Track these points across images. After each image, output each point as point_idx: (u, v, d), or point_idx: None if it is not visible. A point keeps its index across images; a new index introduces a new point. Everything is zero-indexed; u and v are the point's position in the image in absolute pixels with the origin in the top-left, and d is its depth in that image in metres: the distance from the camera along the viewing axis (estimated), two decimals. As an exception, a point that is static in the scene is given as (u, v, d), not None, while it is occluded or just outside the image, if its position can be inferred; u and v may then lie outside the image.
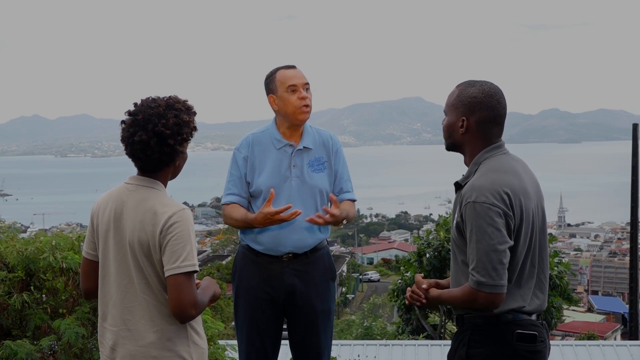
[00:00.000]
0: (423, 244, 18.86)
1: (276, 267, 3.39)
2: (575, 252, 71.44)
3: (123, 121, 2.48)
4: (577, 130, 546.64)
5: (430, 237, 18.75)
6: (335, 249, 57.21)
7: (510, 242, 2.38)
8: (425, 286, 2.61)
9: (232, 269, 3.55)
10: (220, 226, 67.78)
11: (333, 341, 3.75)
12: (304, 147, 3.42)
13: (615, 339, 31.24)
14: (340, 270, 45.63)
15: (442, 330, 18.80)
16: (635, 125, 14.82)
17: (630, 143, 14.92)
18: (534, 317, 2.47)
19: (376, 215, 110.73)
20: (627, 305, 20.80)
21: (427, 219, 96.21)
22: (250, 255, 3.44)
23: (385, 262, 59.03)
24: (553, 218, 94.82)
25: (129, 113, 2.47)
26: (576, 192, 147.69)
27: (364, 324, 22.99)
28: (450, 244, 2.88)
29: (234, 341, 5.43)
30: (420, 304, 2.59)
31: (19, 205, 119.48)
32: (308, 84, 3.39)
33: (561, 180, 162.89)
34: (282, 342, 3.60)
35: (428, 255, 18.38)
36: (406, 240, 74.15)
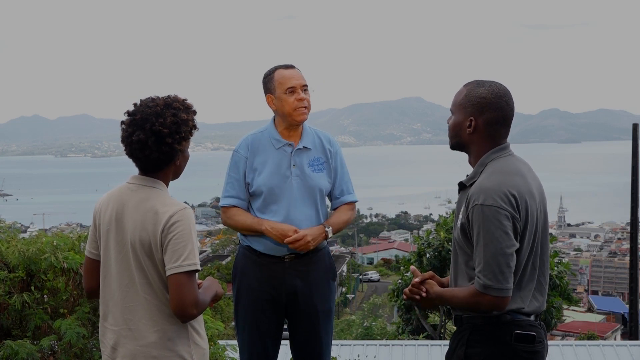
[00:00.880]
0: (423, 244, 18.87)
1: (278, 268, 3.39)
2: (575, 252, 71.41)
3: (122, 121, 2.48)
4: (577, 130, 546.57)
5: (431, 237, 18.74)
6: (335, 249, 57.21)
7: (517, 245, 2.37)
8: (418, 280, 2.57)
9: (233, 270, 3.53)
10: (220, 226, 67.72)
11: (333, 341, 3.75)
12: (303, 147, 3.42)
13: (615, 339, 31.23)
14: (340, 270, 45.60)
15: (442, 330, 18.79)
16: (635, 125, 14.81)
17: (630, 143, 14.92)
18: (533, 318, 2.47)
19: (376, 215, 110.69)
20: (627, 305, 20.80)
21: (427, 219, 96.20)
22: (251, 255, 3.43)
23: (385, 262, 59.02)
24: (553, 218, 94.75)
25: (128, 113, 2.47)
26: (576, 192, 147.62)
27: (364, 324, 22.99)
28: (451, 244, 2.81)
29: (234, 341, 5.42)
30: (419, 297, 2.55)
31: (19, 205, 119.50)
32: (306, 85, 3.38)
33: (561, 180, 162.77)
34: (282, 342, 3.60)
35: (428, 255, 18.38)
36: (406, 240, 74.13)
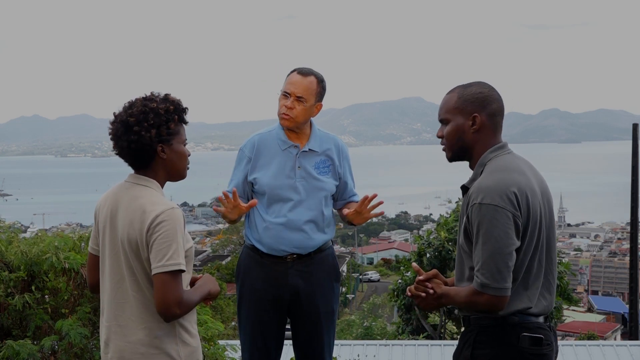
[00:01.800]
0: (423, 243, 18.89)
1: (280, 268, 3.39)
2: (575, 252, 71.34)
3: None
4: (577, 130, 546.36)
5: (431, 237, 18.76)
6: (336, 249, 56.73)
7: (517, 244, 2.35)
8: (423, 277, 2.55)
9: (236, 270, 3.54)
10: (220, 226, 67.78)
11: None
12: (309, 150, 3.42)
13: (615, 339, 31.23)
14: (340, 270, 45.54)
15: (442, 330, 18.81)
16: (635, 125, 14.81)
17: (630, 143, 14.92)
18: (542, 320, 2.44)
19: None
20: (627, 305, 20.79)
21: (427, 219, 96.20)
22: (254, 255, 3.44)
23: (385, 262, 58.97)
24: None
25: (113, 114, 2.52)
26: (576, 192, 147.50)
27: (364, 324, 23.02)
28: (453, 245, 2.76)
29: (234, 341, 5.43)
30: (425, 295, 2.52)
31: (19, 205, 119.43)
32: (301, 96, 3.32)
33: (561, 180, 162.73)
34: (285, 342, 3.60)
35: (428, 255, 18.40)
36: (406, 240, 74.10)
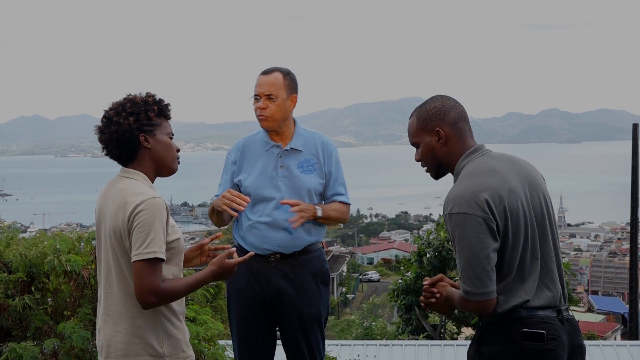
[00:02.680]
0: (423, 243, 18.89)
1: (263, 267, 3.40)
2: (575, 252, 71.31)
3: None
4: (577, 130, 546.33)
5: (431, 237, 18.77)
6: (335, 249, 57.09)
7: (495, 245, 2.35)
8: (428, 282, 2.60)
9: None
10: (220, 226, 67.61)
11: (333, 341, 3.75)
12: (291, 149, 3.43)
13: (615, 339, 31.24)
14: (340, 270, 45.58)
15: (442, 330, 18.82)
16: (635, 125, 14.82)
17: (630, 143, 14.93)
18: (549, 312, 2.41)
19: (376, 215, 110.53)
20: (627, 305, 20.80)
21: (427, 219, 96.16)
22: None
23: (385, 262, 59.00)
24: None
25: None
26: (576, 192, 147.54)
27: (364, 324, 23.02)
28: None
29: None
30: (434, 300, 2.58)
31: (19, 205, 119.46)
32: (271, 94, 3.34)
33: (561, 180, 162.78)
34: (278, 342, 3.60)
35: (428, 255, 18.40)
36: (406, 240, 74.15)
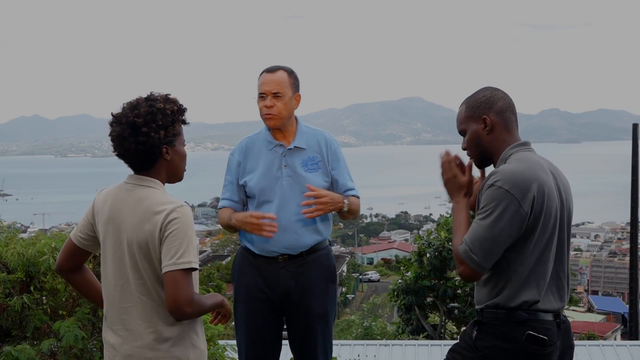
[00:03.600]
0: (423, 243, 18.90)
1: (272, 269, 3.38)
2: (575, 252, 71.24)
3: (109, 122, 2.47)
4: (577, 130, 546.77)
5: (431, 237, 18.78)
6: (335, 249, 57.21)
7: (516, 235, 2.38)
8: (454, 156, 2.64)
9: (232, 270, 3.54)
10: (220, 226, 67.69)
11: (333, 341, 3.73)
12: (294, 147, 3.41)
13: (615, 339, 31.23)
14: (340, 270, 45.61)
15: (442, 330, 18.82)
16: (635, 125, 14.82)
17: (630, 143, 14.93)
18: (551, 317, 2.44)
19: (376, 215, 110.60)
20: (627, 305, 20.79)
21: (427, 219, 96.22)
22: (248, 256, 3.44)
23: (385, 262, 59.03)
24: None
25: (112, 115, 2.46)
26: (576, 192, 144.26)
27: (364, 324, 22.99)
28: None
29: (234, 341, 5.41)
30: (456, 172, 2.60)
31: (19, 205, 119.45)
32: (278, 92, 3.31)
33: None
34: (284, 342, 3.59)
35: (428, 255, 18.41)
36: (406, 240, 74.14)
